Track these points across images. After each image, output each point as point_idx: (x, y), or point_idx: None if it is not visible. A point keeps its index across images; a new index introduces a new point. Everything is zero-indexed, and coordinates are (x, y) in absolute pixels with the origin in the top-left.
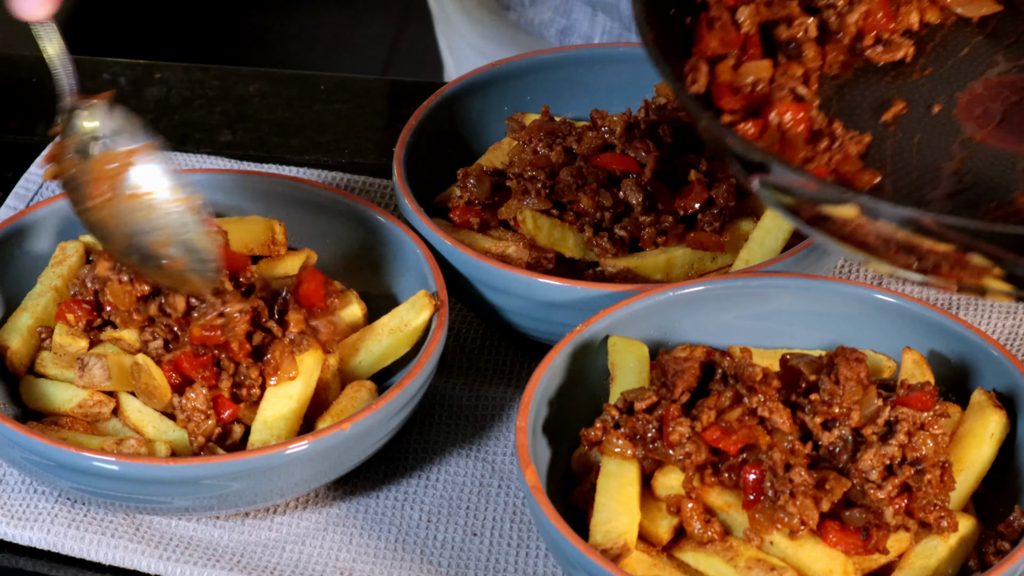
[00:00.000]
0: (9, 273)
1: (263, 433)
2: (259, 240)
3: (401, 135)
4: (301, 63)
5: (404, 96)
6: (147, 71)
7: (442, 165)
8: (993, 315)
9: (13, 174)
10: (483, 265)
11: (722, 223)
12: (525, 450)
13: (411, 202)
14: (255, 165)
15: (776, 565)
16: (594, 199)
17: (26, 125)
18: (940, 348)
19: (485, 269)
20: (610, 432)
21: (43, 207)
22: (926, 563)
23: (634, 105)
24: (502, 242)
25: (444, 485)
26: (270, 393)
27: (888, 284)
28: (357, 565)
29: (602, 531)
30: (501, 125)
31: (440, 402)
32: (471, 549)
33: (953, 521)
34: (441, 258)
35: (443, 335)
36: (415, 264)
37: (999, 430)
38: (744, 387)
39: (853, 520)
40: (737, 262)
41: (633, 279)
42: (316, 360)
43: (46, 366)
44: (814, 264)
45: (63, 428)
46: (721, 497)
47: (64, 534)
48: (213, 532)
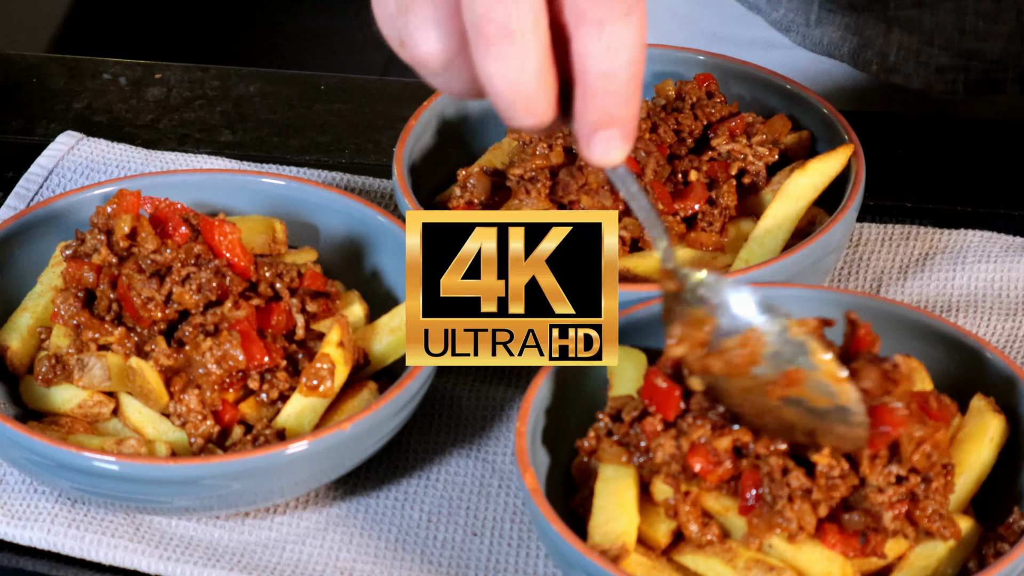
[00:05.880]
0: (9, 273)
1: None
2: (259, 240)
3: (401, 135)
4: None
5: (404, 96)
6: (147, 71)
7: (442, 165)
8: (992, 319)
9: (13, 174)
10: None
11: (722, 223)
12: (524, 454)
13: (411, 202)
14: (255, 165)
15: (775, 566)
16: (594, 199)
17: (26, 125)
18: (938, 354)
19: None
20: (603, 440)
21: (43, 207)
22: (926, 564)
23: None
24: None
25: (444, 485)
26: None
27: (885, 292)
28: (357, 565)
29: (601, 532)
30: (501, 125)
31: (440, 402)
32: (471, 549)
33: (955, 529)
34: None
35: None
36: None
37: (998, 434)
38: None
39: (852, 524)
40: (737, 262)
41: (633, 279)
42: (345, 373)
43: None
44: (814, 265)
45: (63, 428)
46: (719, 502)
47: (64, 534)
48: (213, 532)
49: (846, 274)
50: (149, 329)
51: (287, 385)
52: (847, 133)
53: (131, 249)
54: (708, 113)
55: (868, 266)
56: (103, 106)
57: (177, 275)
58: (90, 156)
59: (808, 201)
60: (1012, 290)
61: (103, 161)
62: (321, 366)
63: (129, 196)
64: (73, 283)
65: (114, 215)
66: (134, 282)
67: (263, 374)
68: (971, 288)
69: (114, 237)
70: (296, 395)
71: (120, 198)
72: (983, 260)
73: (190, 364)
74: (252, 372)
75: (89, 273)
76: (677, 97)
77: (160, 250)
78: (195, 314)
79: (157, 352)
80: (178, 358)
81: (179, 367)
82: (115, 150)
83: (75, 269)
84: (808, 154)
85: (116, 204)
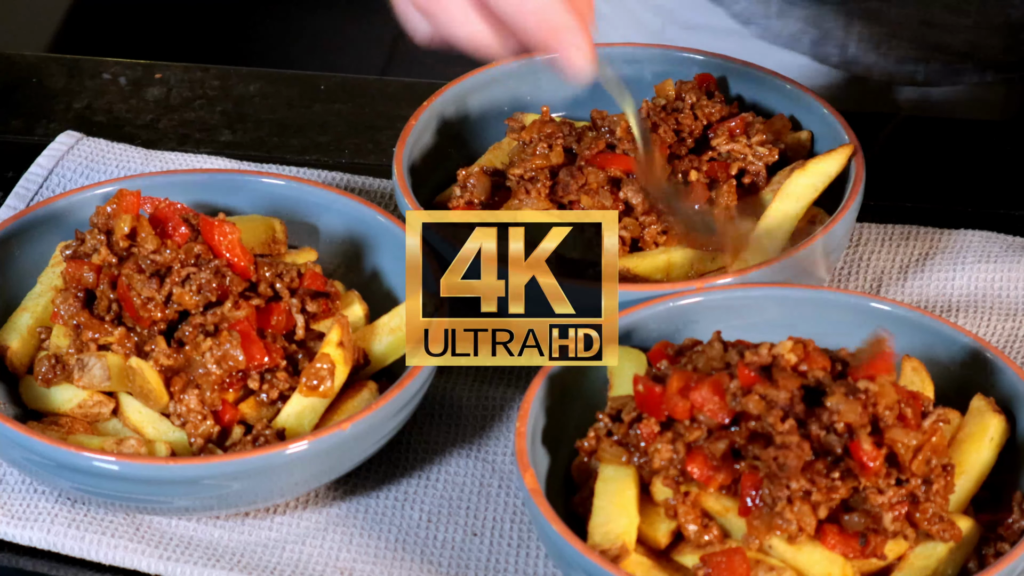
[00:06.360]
0: (9, 273)
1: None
2: (259, 240)
3: (401, 135)
4: (301, 63)
5: (404, 96)
6: (147, 71)
7: (442, 165)
8: (992, 319)
9: (13, 174)
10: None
11: None
12: (524, 454)
13: (411, 202)
14: (255, 165)
15: (775, 566)
16: (594, 199)
17: (26, 125)
18: (939, 355)
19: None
20: (603, 440)
21: (43, 207)
22: (925, 564)
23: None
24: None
25: (444, 485)
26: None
27: (885, 292)
28: (357, 565)
29: (600, 532)
30: (501, 125)
31: (440, 402)
32: (471, 549)
33: (955, 531)
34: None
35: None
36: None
37: (998, 434)
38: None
39: (852, 525)
40: (737, 262)
41: (633, 279)
42: (344, 373)
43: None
44: (814, 265)
45: (63, 428)
46: (719, 502)
47: (64, 534)
48: (213, 532)
49: (846, 274)
50: (149, 329)
51: (287, 385)
52: (847, 133)
53: (131, 249)
54: (708, 113)
55: (868, 266)
56: (103, 106)
57: (177, 275)
58: (90, 156)
59: (808, 201)
60: (1012, 290)
61: (103, 161)
62: (321, 366)
63: (129, 196)
64: (73, 283)
65: (114, 215)
66: (134, 282)
67: (263, 374)
68: (971, 288)
69: (114, 237)
70: (296, 395)
71: (120, 198)
72: (983, 260)
73: (190, 364)
74: (252, 372)
75: (89, 273)
76: (677, 97)
77: (160, 250)
78: (195, 314)
79: (157, 352)
80: (178, 358)
81: (179, 367)
82: (115, 150)
83: (75, 269)
84: (808, 154)
85: (116, 204)
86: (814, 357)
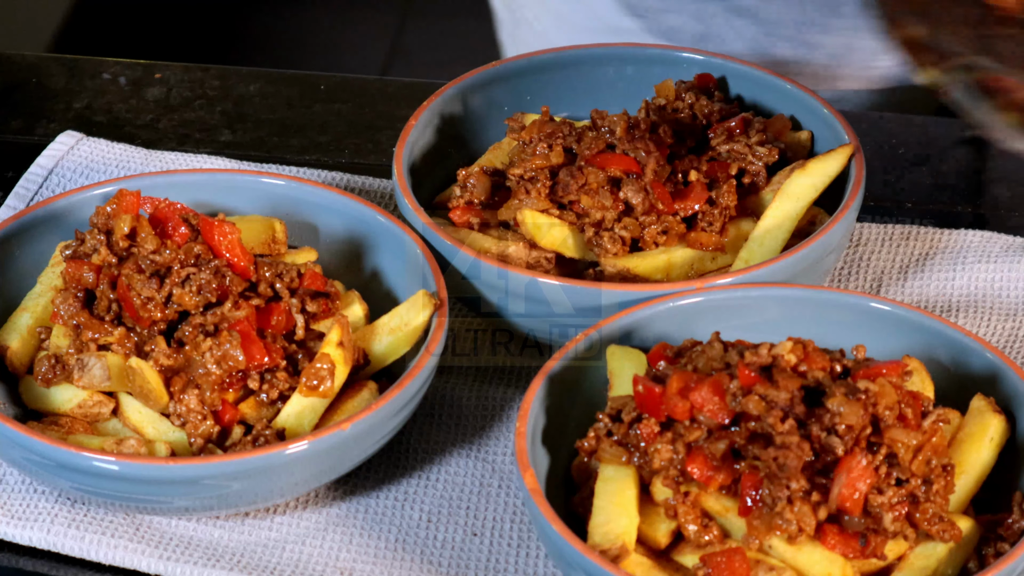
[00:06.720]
0: (9, 273)
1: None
2: (259, 240)
3: (401, 135)
4: (301, 63)
5: (404, 96)
6: (147, 71)
7: (442, 165)
8: (992, 319)
9: (13, 174)
10: (483, 265)
11: (722, 223)
12: (524, 454)
13: (411, 202)
14: (255, 165)
15: (775, 566)
16: (594, 199)
17: (26, 125)
18: (939, 355)
19: (485, 269)
20: (603, 440)
21: (43, 207)
22: (925, 564)
23: (634, 105)
24: (502, 242)
25: (444, 485)
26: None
27: (885, 292)
28: (357, 565)
29: (600, 532)
30: (501, 125)
31: (440, 402)
32: (471, 549)
33: (955, 532)
34: (441, 258)
35: (443, 335)
36: (415, 264)
37: (998, 434)
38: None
39: (852, 525)
40: (737, 262)
41: (633, 279)
42: (344, 373)
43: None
44: (814, 265)
45: (63, 428)
46: (719, 502)
47: (64, 534)
48: (213, 532)
49: (846, 274)
50: (149, 329)
51: (287, 385)
52: (847, 133)
53: (131, 249)
54: (708, 113)
55: (868, 266)
56: (103, 106)
57: (177, 276)
58: (90, 156)
59: (808, 201)
60: (1012, 290)
61: (103, 161)
62: (321, 366)
63: (129, 196)
64: (73, 283)
65: (114, 215)
66: (134, 282)
67: (263, 374)
68: (971, 288)
69: (114, 237)
70: (296, 395)
71: (120, 198)
72: (983, 260)
73: (190, 364)
74: (252, 372)
75: (89, 273)
76: (677, 97)
77: (160, 250)
78: (195, 314)
79: (157, 352)
80: (178, 358)
81: (179, 367)
82: (115, 150)
83: (75, 269)
84: (808, 154)
85: (116, 204)
86: (814, 357)
